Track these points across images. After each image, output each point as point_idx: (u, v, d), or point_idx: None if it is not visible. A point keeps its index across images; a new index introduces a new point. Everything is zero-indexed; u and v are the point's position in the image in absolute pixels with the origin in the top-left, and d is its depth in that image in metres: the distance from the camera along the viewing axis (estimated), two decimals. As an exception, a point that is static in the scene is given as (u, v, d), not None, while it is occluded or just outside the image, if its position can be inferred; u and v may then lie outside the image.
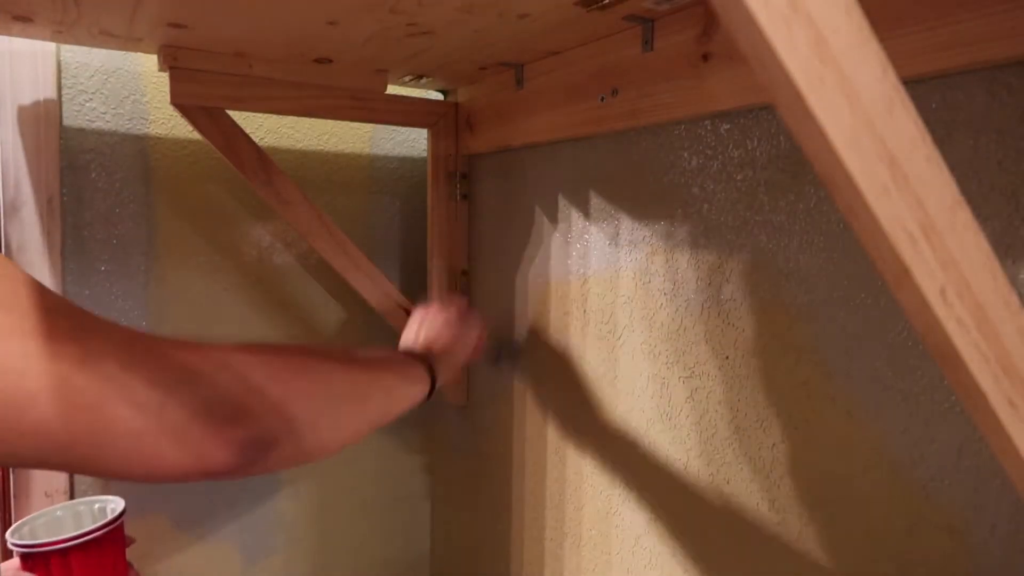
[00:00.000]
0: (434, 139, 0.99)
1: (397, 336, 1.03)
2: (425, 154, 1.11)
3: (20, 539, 0.71)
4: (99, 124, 0.88)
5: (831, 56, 0.23)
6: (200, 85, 0.79)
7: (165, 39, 0.74)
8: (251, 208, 0.99)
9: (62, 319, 0.33)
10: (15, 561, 0.71)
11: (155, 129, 0.91)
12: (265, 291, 1.01)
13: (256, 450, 0.40)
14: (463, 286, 1.03)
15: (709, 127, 0.64)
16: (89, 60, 0.87)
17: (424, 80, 0.94)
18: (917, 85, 0.48)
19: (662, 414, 0.71)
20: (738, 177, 0.62)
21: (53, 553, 0.69)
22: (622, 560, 0.77)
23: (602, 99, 0.72)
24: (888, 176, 0.25)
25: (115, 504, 0.78)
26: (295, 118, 0.99)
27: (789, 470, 0.59)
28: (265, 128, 0.98)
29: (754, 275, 0.61)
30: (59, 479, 0.87)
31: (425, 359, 0.69)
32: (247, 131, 0.85)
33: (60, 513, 0.78)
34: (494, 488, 0.99)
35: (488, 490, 1.01)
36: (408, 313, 1.00)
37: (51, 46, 0.83)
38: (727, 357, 0.64)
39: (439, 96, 1.04)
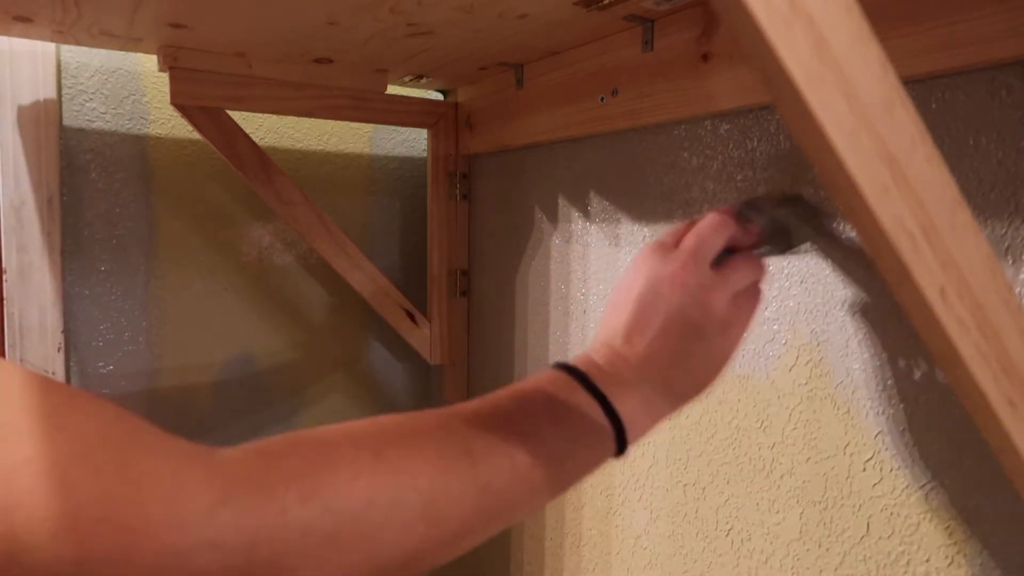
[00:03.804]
0: (434, 139, 0.99)
1: (396, 335, 1.03)
2: (425, 154, 1.11)
3: None
4: (99, 124, 0.88)
5: (831, 56, 0.23)
6: (200, 85, 0.79)
7: (165, 39, 0.74)
8: (251, 208, 0.99)
9: None
10: None
11: (155, 129, 0.91)
12: (265, 291, 1.01)
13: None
14: (463, 286, 1.03)
15: (709, 127, 0.64)
16: (89, 60, 0.87)
17: (424, 80, 0.94)
18: (917, 85, 0.48)
19: (662, 414, 0.71)
20: (738, 177, 0.62)
21: None
22: (622, 560, 0.77)
23: (602, 99, 0.72)
24: (888, 176, 0.25)
25: None
26: (295, 118, 0.99)
27: (789, 470, 0.59)
28: (265, 128, 0.98)
29: (754, 275, 0.61)
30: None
31: (592, 382, 0.40)
32: (247, 131, 0.85)
33: None
34: (494, 488, 0.99)
35: (488, 490, 1.01)
36: (409, 315, 1.00)
37: (51, 46, 0.83)
38: (727, 357, 0.64)
39: (439, 96, 1.04)
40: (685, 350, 0.42)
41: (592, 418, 0.39)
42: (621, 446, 0.40)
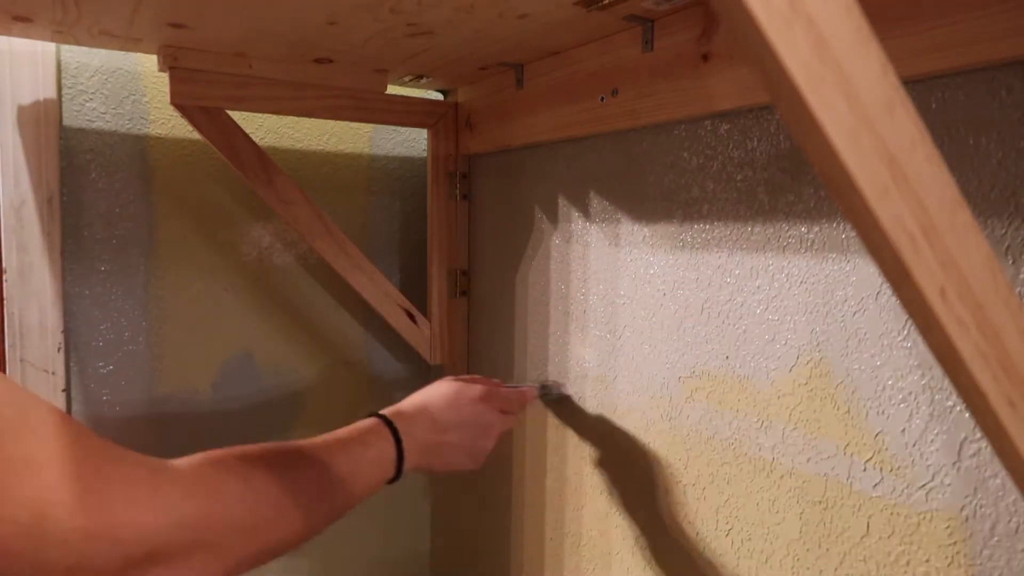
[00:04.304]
0: (434, 139, 0.99)
1: (396, 335, 1.03)
2: (425, 154, 1.11)
3: None
4: (99, 124, 0.88)
5: (831, 56, 0.23)
6: (200, 85, 0.79)
7: (165, 39, 0.74)
8: (251, 208, 0.99)
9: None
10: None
11: (155, 129, 0.91)
12: (265, 291, 1.01)
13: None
14: (463, 286, 1.03)
15: (709, 127, 0.64)
16: (89, 60, 0.87)
17: (424, 80, 0.94)
18: (917, 85, 0.48)
19: (662, 414, 0.71)
20: (738, 177, 0.62)
21: None
22: (622, 560, 0.77)
23: (602, 99, 0.72)
24: (888, 176, 0.25)
25: None
26: (295, 118, 0.99)
27: (789, 470, 0.59)
28: (265, 128, 0.98)
29: (753, 275, 0.61)
30: None
31: (391, 423, 0.62)
32: (247, 131, 0.85)
33: None
34: (494, 488, 0.99)
35: (488, 490, 1.01)
36: (409, 315, 1.00)
37: (51, 46, 0.83)
38: (727, 357, 0.64)
39: (439, 96, 1.04)
40: (448, 422, 0.67)
41: (387, 459, 0.61)
42: (397, 475, 0.61)
